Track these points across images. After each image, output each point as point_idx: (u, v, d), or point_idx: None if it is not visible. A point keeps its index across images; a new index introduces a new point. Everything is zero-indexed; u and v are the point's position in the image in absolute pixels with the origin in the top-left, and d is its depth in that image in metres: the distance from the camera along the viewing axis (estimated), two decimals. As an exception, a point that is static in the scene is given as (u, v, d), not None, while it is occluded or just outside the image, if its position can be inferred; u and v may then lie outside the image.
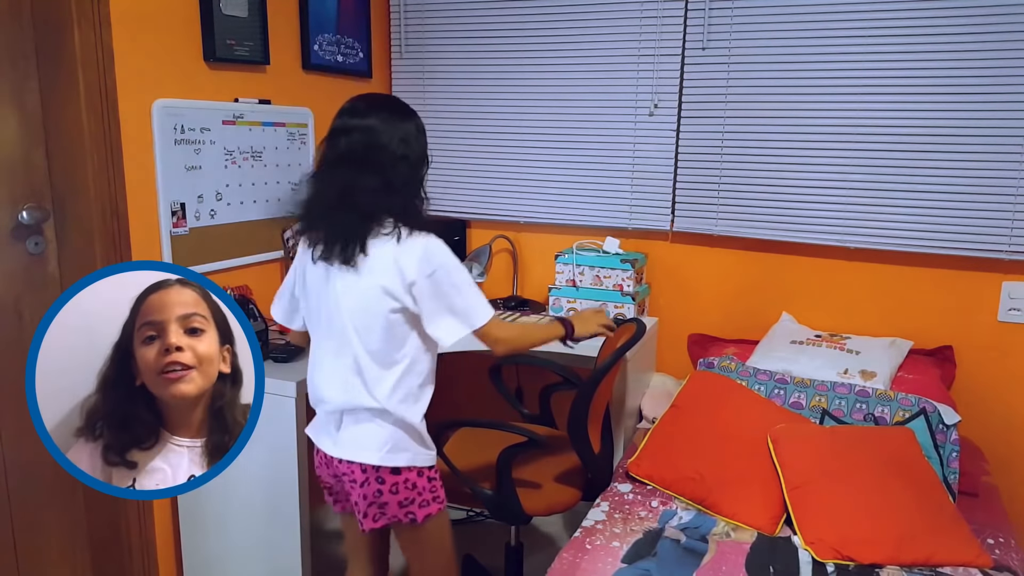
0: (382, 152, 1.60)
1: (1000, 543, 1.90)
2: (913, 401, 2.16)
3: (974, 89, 2.32)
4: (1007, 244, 2.35)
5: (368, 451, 1.65)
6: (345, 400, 1.65)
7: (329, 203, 1.61)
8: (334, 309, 1.63)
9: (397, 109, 1.67)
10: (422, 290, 1.58)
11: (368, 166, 1.59)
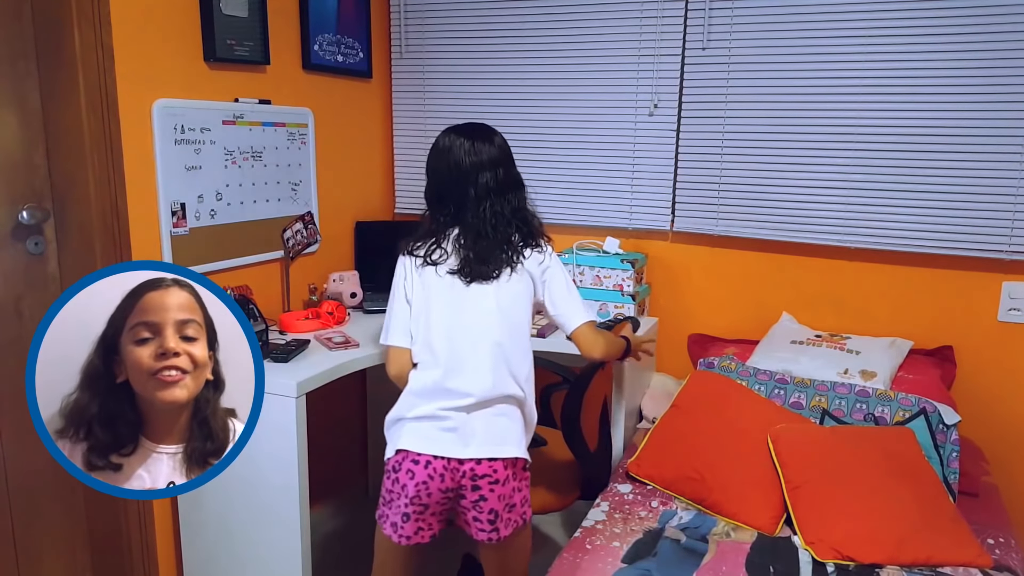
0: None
1: (1000, 543, 1.90)
2: (913, 401, 2.16)
3: (974, 90, 2.32)
4: (1007, 244, 2.35)
5: (510, 445, 1.67)
6: (491, 388, 1.67)
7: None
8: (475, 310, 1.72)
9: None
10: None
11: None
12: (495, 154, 1.81)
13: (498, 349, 1.71)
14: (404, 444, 1.68)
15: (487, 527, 1.66)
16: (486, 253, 1.74)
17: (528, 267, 1.79)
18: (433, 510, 1.68)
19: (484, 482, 1.64)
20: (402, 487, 1.66)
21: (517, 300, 1.76)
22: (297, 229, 2.62)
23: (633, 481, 2.17)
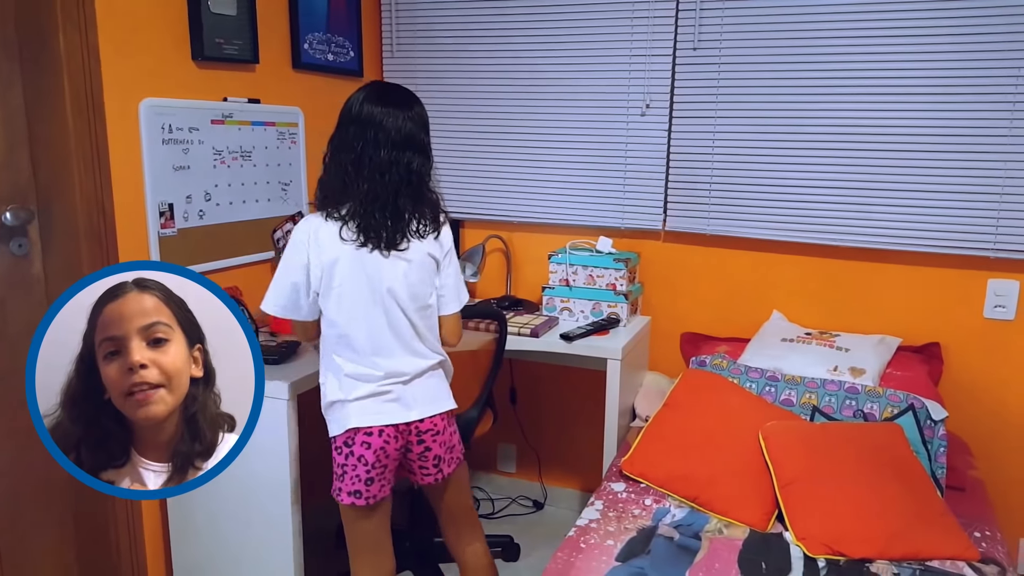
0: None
1: (986, 536, 1.92)
2: (901, 397, 2.18)
3: (960, 91, 2.34)
4: (992, 242, 2.38)
5: (444, 400, 1.89)
6: (420, 364, 1.83)
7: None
8: (383, 286, 1.77)
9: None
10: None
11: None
12: (414, 125, 1.79)
13: (419, 320, 1.83)
14: (354, 423, 1.78)
15: (432, 471, 1.88)
16: (395, 224, 1.76)
17: (436, 241, 1.85)
18: (390, 467, 1.84)
19: (428, 436, 1.85)
20: (358, 458, 1.79)
21: (424, 269, 1.82)
22: (287, 229, 2.60)
23: (627, 479, 2.18)
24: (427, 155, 1.81)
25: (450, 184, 3.07)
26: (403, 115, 1.76)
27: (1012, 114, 2.30)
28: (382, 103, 1.75)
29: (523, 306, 2.89)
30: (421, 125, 1.80)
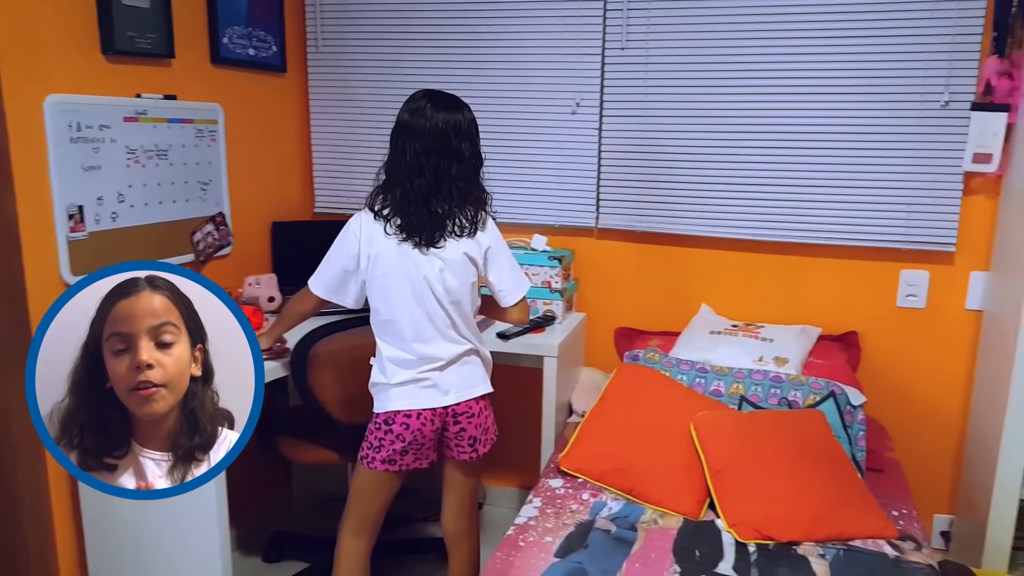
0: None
1: (904, 514, 2.02)
2: (823, 384, 2.27)
3: (872, 92, 2.45)
4: (903, 234, 2.51)
5: (480, 385, 2.02)
6: (455, 351, 1.95)
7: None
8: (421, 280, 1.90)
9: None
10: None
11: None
12: (448, 129, 1.87)
13: (454, 312, 1.93)
14: (395, 406, 1.93)
15: (468, 450, 2.02)
16: (432, 225, 1.88)
17: (474, 240, 1.95)
18: (428, 444, 1.98)
19: (463, 418, 1.99)
20: (396, 436, 1.93)
21: (460, 268, 1.93)
22: (208, 231, 2.51)
23: (564, 475, 2.20)
24: (462, 158, 1.88)
25: (379, 182, 3.02)
26: (434, 121, 1.84)
27: (920, 114, 2.42)
28: (414, 110, 1.87)
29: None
30: (455, 129, 1.86)
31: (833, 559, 1.80)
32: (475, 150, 1.92)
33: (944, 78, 2.38)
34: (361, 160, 3.03)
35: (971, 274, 2.51)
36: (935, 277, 2.54)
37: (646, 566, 1.76)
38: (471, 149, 1.90)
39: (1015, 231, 2.26)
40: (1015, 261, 2.24)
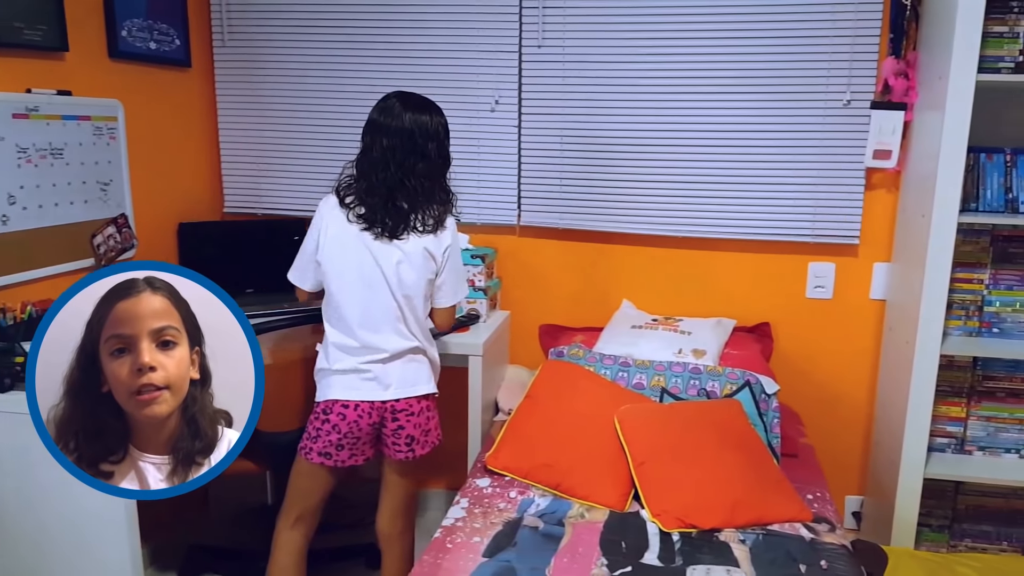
0: None
1: (818, 497, 2.11)
2: (739, 375, 2.34)
3: (778, 91, 2.54)
4: (811, 228, 2.61)
5: (423, 385, 2.03)
6: (400, 344, 1.97)
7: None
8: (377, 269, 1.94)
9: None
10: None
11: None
12: (416, 130, 1.94)
13: (405, 305, 1.96)
14: (333, 395, 1.97)
15: (404, 449, 2.03)
16: (403, 215, 1.94)
17: (436, 237, 1.99)
18: (364, 440, 2.01)
19: (402, 415, 2.00)
20: (333, 426, 1.97)
21: (417, 262, 1.97)
22: (109, 233, 2.38)
23: (491, 474, 2.19)
24: (428, 158, 1.94)
25: (295, 181, 2.93)
26: (402, 120, 1.91)
27: (824, 113, 2.52)
28: (383, 109, 1.94)
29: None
30: (422, 129, 1.93)
31: (753, 544, 1.85)
32: (442, 151, 1.98)
33: (846, 78, 2.49)
34: (272, 157, 2.93)
35: (874, 265, 2.64)
36: (841, 269, 2.66)
37: (574, 560, 1.77)
38: (438, 150, 1.96)
39: (913, 224, 2.39)
40: (914, 252, 2.37)
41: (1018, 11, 2.16)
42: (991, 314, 2.40)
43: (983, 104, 2.17)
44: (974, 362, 2.42)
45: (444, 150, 1.99)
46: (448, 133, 2.01)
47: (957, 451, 2.48)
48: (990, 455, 2.47)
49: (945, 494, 2.51)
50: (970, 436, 2.47)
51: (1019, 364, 2.40)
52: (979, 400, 2.45)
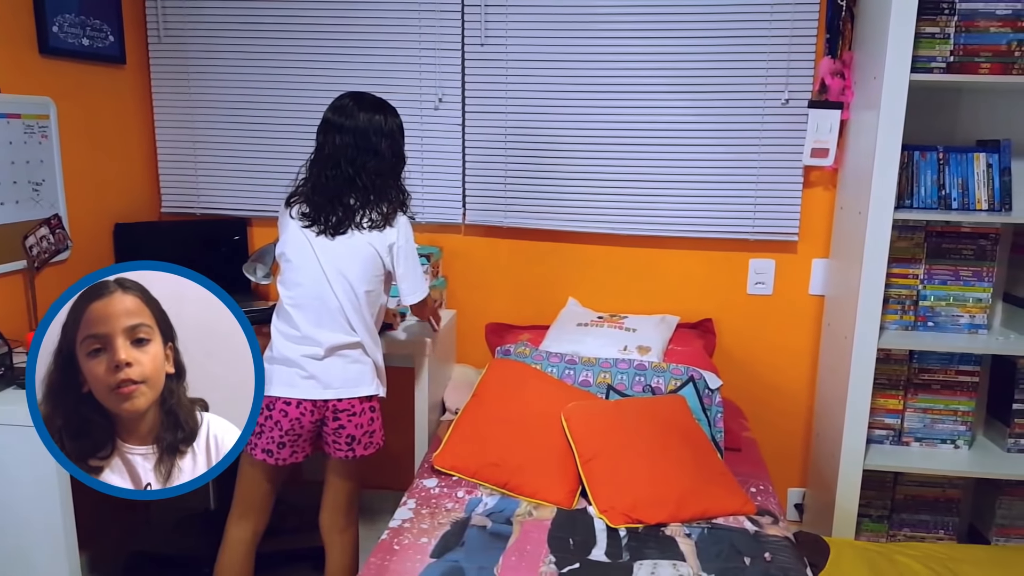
0: None
1: (761, 490, 2.14)
2: (683, 370, 2.36)
3: (718, 90, 2.58)
4: (751, 226, 2.66)
5: (365, 386, 2.02)
6: (338, 339, 1.97)
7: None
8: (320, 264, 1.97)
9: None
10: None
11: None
12: (368, 129, 1.98)
13: (346, 301, 1.97)
14: (275, 391, 1.98)
15: (344, 448, 2.04)
16: (350, 212, 1.97)
17: (381, 234, 2.00)
18: (305, 437, 2.03)
19: (344, 415, 2.01)
20: (275, 423, 1.98)
21: (360, 258, 1.98)
22: (42, 235, 2.31)
23: (439, 474, 2.17)
24: (381, 156, 1.97)
25: (233, 180, 2.88)
26: (356, 119, 1.95)
27: (763, 112, 2.58)
28: (337, 108, 1.98)
29: (322, 307, 2.79)
30: (376, 128, 1.96)
31: (698, 537, 1.87)
32: (396, 150, 2.02)
33: (783, 78, 2.54)
34: (210, 156, 2.88)
35: (813, 261, 2.70)
36: (780, 265, 2.72)
37: (522, 558, 1.77)
38: (391, 148, 2.00)
39: (850, 220, 2.45)
40: (851, 248, 2.43)
41: (949, 12, 2.23)
42: (926, 308, 2.47)
43: (916, 103, 2.23)
44: (910, 355, 2.49)
45: (398, 149, 2.03)
46: (403, 133, 2.05)
47: (895, 443, 2.55)
48: (926, 446, 2.54)
49: (884, 485, 2.58)
50: (907, 428, 2.54)
51: (953, 357, 2.48)
52: (915, 392, 2.52)
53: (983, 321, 2.45)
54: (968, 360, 2.48)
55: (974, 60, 2.25)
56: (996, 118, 2.46)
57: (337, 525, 2.14)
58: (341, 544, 2.15)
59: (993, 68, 2.25)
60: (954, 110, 2.48)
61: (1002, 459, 2.47)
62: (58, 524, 1.82)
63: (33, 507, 1.81)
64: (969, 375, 2.49)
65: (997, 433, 2.56)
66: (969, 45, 2.25)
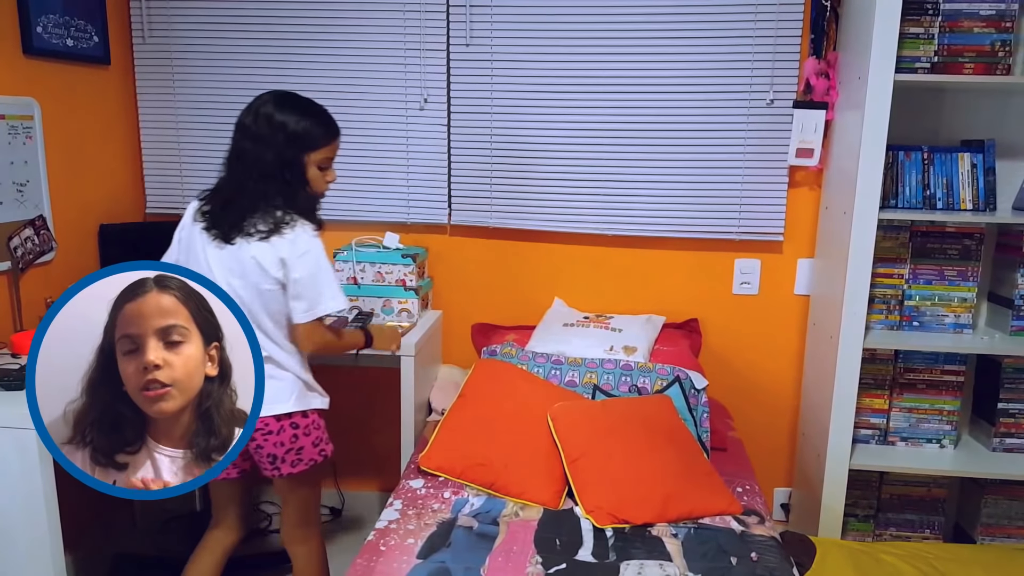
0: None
1: (747, 490, 2.15)
2: (669, 371, 2.37)
3: (703, 91, 2.59)
4: (737, 226, 2.67)
5: (280, 403, 1.86)
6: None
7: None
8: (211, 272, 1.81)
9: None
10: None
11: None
12: (299, 131, 1.82)
13: (249, 313, 1.78)
14: None
15: (268, 467, 1.92)
16: (232, 219, 1.81)
17: (268, 244, 1.80)
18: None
19: (259, 434, 1.86)
20: None
21: (244, 270, 1.82)
22: (27, 236, 2.29)
23: (425, 475, 2.17)
24: (281, 161, 1.79)
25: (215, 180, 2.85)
26: (256, 117, 1.80)
27: (748, 112, 2.58)
28: (247, 107, 1.83)
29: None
30: (281, 129, 1.79)
31: (685, 537, 1.88)
32: (295, 156, 1.81)
33: (768, 78, 2.55)
34: (195, 157, 2.87)
35: (798, 261, 2.71)
36: (766, 265, 2.72)
37: (508, 559, 1.77)
38: (293, 153, 1.81)
39: (835, 220, 2.46)
40: (836, 248, 2.44)
41: (933, 13, 2.25)
42: (911, 308, 2.48)
43: (901, 103, 2.24)
44: (895, 355, 2.50)
45: (297, 155, 1.81)
46: (314, 142, 1.83)
47: (881, 442, 2.56)
48: (912, 445, 2.55)
49: (870, 484, 2.59)
50: (893, 427, 2.55)
51: (938, 356, 2.49)
52: (901, 392, 2.53)
53: (968, 321, 2.46)
54: (953, 360, 2.49)
55: (958, 60, 2.26)
56: (980, 118, 2.47)
57: (295, 537, 2.05)
58: (305, 555, 2.06)
59: (977, 68, 2.26)
60: (938, 110, 2.49)
61: (987, 458, 2.48)
62: (43, 525, 1.80)
63: (18, 508, 1.79)
64: (954, 375, 2.50)
65: (982, 432, 2.58)
66: (953, 45, 2.26)
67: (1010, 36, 2.24)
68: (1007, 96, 2.46)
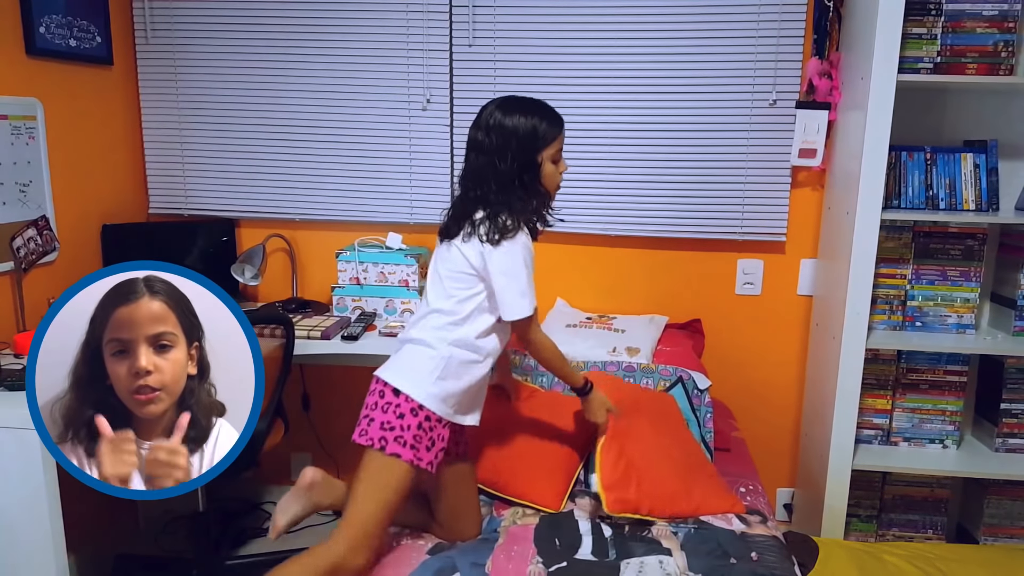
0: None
1: (750, 490, 2.14)
2: (672, 371, 2.36)
3: (707, 92, 2.59)
4: (739, 227, 2.66)
5: (392, 372, 1.85)
6: (407, 328, 1.89)
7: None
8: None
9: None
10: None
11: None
12: (482, 132, 1.84)
13: (428, 300, 1.88)
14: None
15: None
16: (457, 220, 1.89)
17: (470, 246, 1.86)
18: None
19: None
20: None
21: (453, 265, 1.88)
22: (30, 236, 2.30)
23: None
24: (482, 163, 1.82)
25: (221, 181, 2.88)
26: (491, 129, 1.81)
27: (751, 113, 2.58)
28: (475, 122, 1.84)
29: (312, 308, 2.78)
30: (499, 133, 1.80)
31: (685, 536, 1.87)
32: (533, 158, 1.86)
33: (771, 78, 2.55)
34: (197, 157, 2.88)
35: (801, 261, 2.70)
36: (769, 265, 2.72)
37: (509, 559, 1.77)
38: (531, 156, 1.85)
39: (838, 221, 2.46)
40: (839, 249, 2.43)
41: (936, 13, 2.24)
42: (913, 308, 2.48)
43: (904, 103, 2.24)
44: (898, 355, 2.50)
45: (532, 155, 1.88)
46: (545, 137, 1.88)
47: (883, 442, 2.55)
48: (915, 446, 2.54)
49: (872, 485, 2.58)
50: (895, 427, 2.54)
51: (941, 356, 2.48)
52: (903, 392, 2.52)
53: (971, 321, 2.46)
54: (956, 360, 2.49)
55: (961, 61, 2.26)
56: (983, 118, 2.47)
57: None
58: (311, 550, 1.83)
59: (980, 68, 2.26)
60: (941, 110, 2.49)
61: (990, 459, 2.47)
62: (46, 526, 1.81)
63: (21, 509, 1.80)
64: (957, 375, 2.49)
65: (985, 433, 2.57)
66: (956, 46, 2.26)
67: (1013, 36, 2.24)
68: (1010, 96, 2.46)
